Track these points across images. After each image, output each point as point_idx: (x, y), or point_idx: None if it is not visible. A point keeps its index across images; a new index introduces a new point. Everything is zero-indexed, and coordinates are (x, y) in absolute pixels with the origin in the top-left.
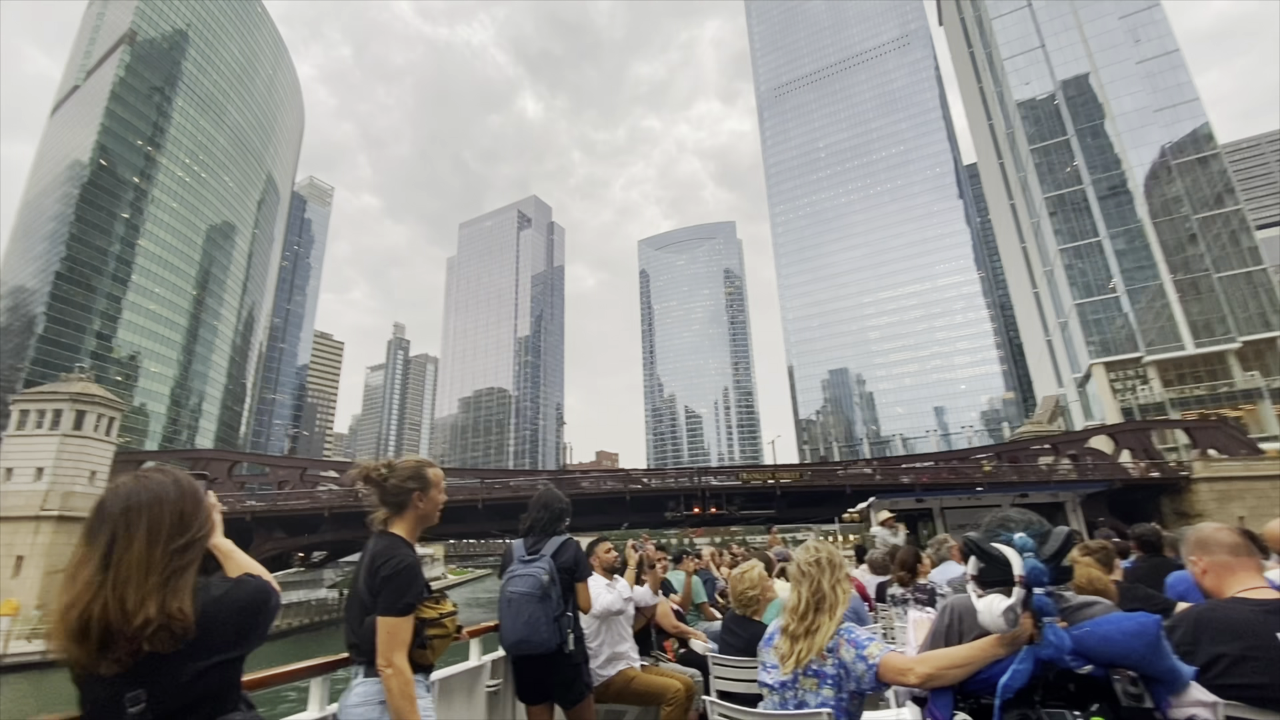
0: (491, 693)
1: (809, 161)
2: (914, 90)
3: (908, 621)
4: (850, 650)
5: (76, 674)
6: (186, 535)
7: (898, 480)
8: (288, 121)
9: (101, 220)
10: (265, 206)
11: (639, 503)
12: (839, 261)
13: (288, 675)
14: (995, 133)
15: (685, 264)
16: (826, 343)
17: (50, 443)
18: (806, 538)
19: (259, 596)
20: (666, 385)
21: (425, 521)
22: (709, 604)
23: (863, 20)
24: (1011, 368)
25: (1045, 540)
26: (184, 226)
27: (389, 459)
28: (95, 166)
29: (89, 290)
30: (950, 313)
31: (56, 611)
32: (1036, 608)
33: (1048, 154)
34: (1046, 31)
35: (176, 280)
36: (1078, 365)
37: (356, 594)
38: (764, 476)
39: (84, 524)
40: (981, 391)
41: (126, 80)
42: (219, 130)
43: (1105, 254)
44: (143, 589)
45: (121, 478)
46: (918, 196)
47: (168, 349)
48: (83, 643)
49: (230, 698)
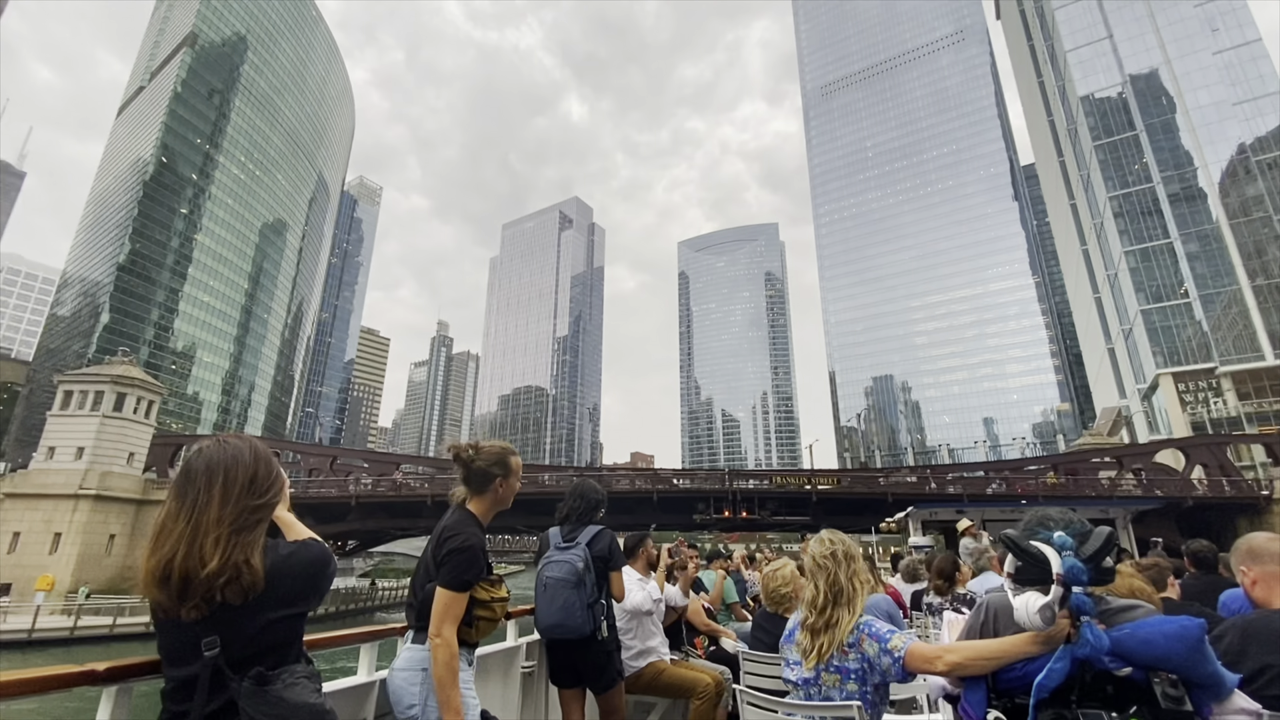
0: (526, 673)
1: (856, 162)
2: (968, 88)
3: (943, 626)
4: (873, 644)
5: (159, 619)
6: (259, 495)
7: (944, 490)
8: (339, 122)
9: (162, 216)
10: (316, 205)
11: (667, 503)
12: (885, 264)
13: (342, 639)
14: (1056, 129)
15: (725, 266)
16: (871, 348)
17: (91, 423)
18: None
19: (323, 558)
20: (704, 388)
21: (500, 505)
22: (740, 605)
23: (915, 16)
24: (1068, 377)
25: (1086, 539)
26: (239, 223)
27: (477, 440)
28: (157, 164)
29: (149, 282)
30: (1003, 319)
31: (144, 560)
32: (1074, 606)
33: (1113, 150)
34: (1114, 21)
35: (231, 275)
36: (1142, 375)
37: (424, 560)
38: (799, 481)
39: (173, 482)
40: (1035, 402)
41: (188, 81)
42: (273, 130)
43: (1176, 257)
44: (217, 542)
45: (204, 441)
46: (971, 198)
47: (221, 340)
48: (165, 589)
49: (293, 650)
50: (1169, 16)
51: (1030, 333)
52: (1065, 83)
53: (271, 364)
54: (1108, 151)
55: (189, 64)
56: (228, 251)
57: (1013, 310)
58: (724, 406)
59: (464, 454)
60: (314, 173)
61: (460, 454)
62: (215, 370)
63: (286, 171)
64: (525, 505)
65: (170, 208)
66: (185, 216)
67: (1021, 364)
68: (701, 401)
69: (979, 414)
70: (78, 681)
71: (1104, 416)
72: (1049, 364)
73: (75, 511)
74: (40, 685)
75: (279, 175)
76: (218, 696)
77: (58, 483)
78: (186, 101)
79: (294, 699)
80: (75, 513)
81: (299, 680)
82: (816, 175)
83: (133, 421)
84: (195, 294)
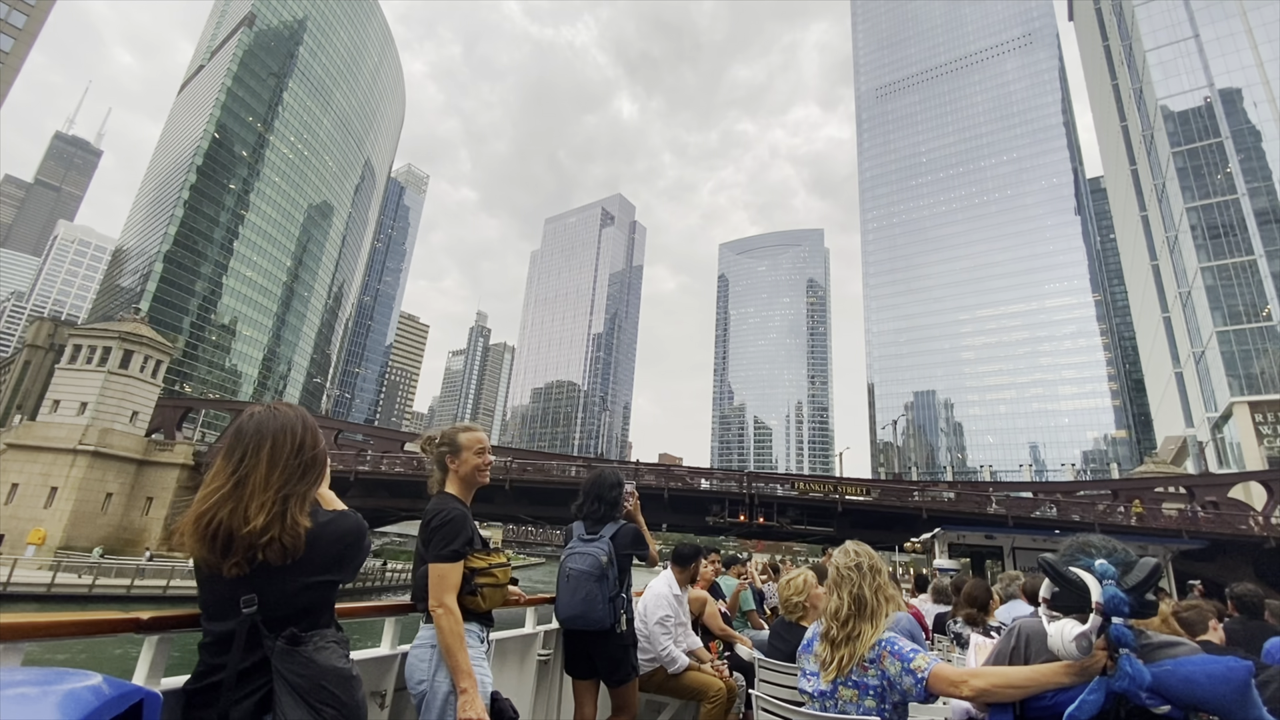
0: (542, 662)
1: (909, 167)
2: (1034, 94)
3: (969, 652)
4: (895, 663)
5: (203, 574)
6: (305, 463)
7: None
8: (389, 110)
9: (214, 192)
10: (362, 190)
11: (679, 502)
12: (934, 274)
13: (368, 610)
14: (1129, 136)
15: (766, 270)
16: (913, 360)
17: (96, 378)
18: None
19: (359, 529)
20: (737, 393)
21: (468, 482)
22: (756, 613)
23: (981, 18)
24: (1126, 402)
25: (1130, 569)
26: (287, 203)
27: (440, 430)
28: (212, 142)
29: (198, 256)
30: (1058, 337)
31: (190, 516)
32: (1114, 638)
33: (1193, 158)
34: (1201, 21)
35: (276, 253)
36: (1214, 403)
37: (418, 550)
38: (825, 489)
39: (224, 443)
40: (1088, 426)
41: (245, 62)
42: (325, 114)
43: (1260, 275)
44: (263, 505)
45: (257, 408)
46: (1030, 209)
47: (263, 316)
48: (209, 545)
49: (325, 616)
50: (1263, 16)
51: (1087, 353)
52: (1143, 85)
53: (310, 342)
54: (1186, 159)
55: (247, 45)
56: (275, 230)
57: (1069, 328)
58: (756, 413)
59: (425, 445)
60: (362, 158)
61: (423, 445)
62: (255, 345)
63: (335, 155)
64: (529, 494)
65: (223, 185)
66: (236, 194)
67: (1076, 385)
68: (734, 406)
69: (1026, 436)
70: (123, 628)
71: (1166, 445)
72: (1105, 387)
73: (73, 467)
74: (90, 628)
75: (328, 159)
76: (253, 653)
77: (59, 436)
78: (243, 81)
79: (323, 661)
80: (73, 468)
81: (329, 644)
82: (866, 180)
83: (138, 380)
84: (241, 269)
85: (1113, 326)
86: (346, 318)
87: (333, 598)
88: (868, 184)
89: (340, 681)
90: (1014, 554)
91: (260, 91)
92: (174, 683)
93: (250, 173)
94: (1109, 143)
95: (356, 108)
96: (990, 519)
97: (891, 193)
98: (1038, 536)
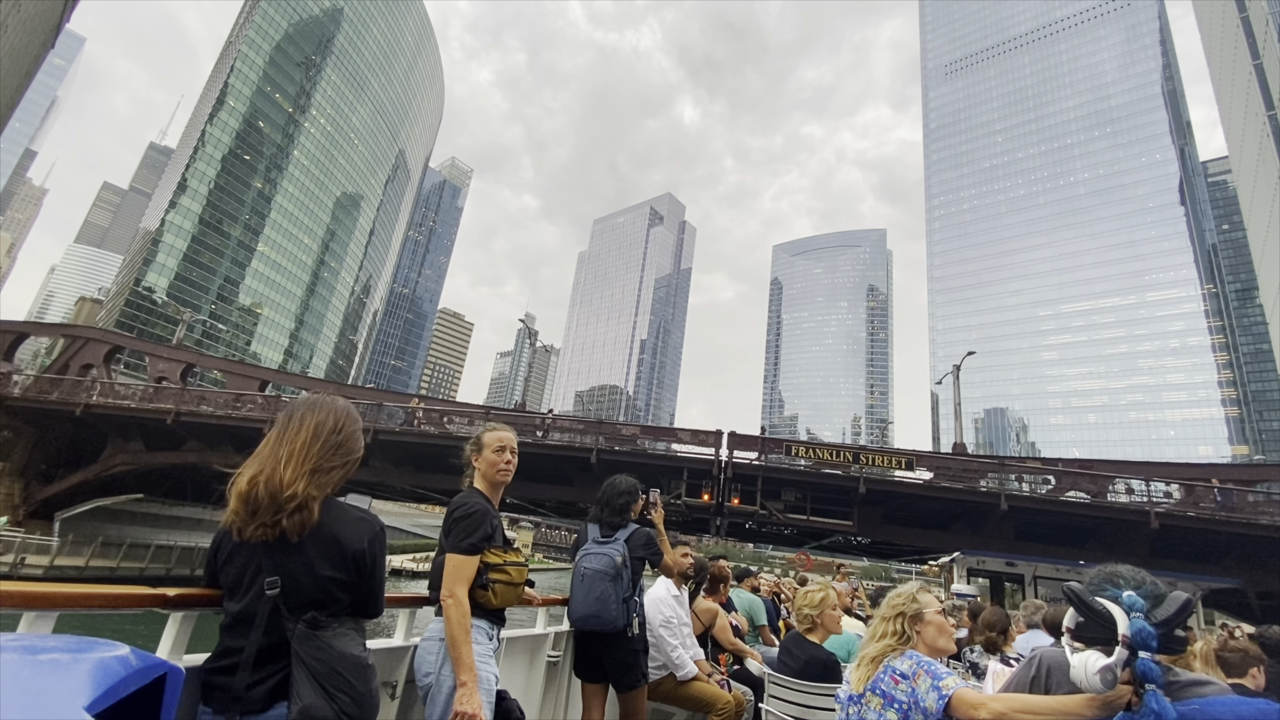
0: (551, 663)
1: (979, 147)
2: (1131, 60)
3: (986, 680)
4: (926, 680)
5: (232, 544)
6: (340, 444)
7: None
8: (426, 103)
9: (243, 172)
10: (394, 183)
11: (610, 468)
12: (1010, 264)
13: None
14: (1265, 78)
15: (823, 273)
16: (984, 375)
17: None
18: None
19: (370, 523)
20: (789, 403)
21: (491, 478)
22: (768, 628)
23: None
24: (1246, 414)
25: (1159, 603)
26: (316, 188)
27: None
28: (243, 121)
29: (223, 236)
30: (1161, 335)
31: (242, 474)
32: (1140, 672)
33: None
34: None
35: (304, 238)
36: None
37: (440, 541)
38: (842, 458)
39: (281, 415)
40: (1198, 440)
41: (281, 45)
42: (360, 103)
43: None
44: (296, 471)
45: (311, 394)
46: (1126, 190)
47: (287, 301)
48: (246, 503)
49: (344, 609)
50: None
51: (1197, 354)
52: None
53: (335, 330)
54: None
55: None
56: (302, 214)
57: (1176, 324)
58: (809, 425)
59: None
60: (395, 149)
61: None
62: (278, 329)
63: (369, 144)
64: (408, 454)
65: (252, 165)
66: (264, 175)
67: (1186, 392)
68: (785, 417)
69: (1121, 450)
70: (149, 602)
71: None
72: (1218, 394)
73: None
74: (119, 601)
75: (362, 147)
76: (273, 634)
77: None
78: (279, 64)
79: (341, 648)
80: None
81: (347, 632)
82: (932, 164)
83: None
84: (267, 252)
85: (1230, 324)
86: (374, 310)
87: (347, 600)
88: (933, 168)
89: (356, 669)
90: (1035, 582)
91: (294, 75)
92: (194, 660)
93: (281, 156)
94: (1230, 103)
95: (391, 100)
96: (1127, 512)
97: (960, 176)
98: (1061, 566)
